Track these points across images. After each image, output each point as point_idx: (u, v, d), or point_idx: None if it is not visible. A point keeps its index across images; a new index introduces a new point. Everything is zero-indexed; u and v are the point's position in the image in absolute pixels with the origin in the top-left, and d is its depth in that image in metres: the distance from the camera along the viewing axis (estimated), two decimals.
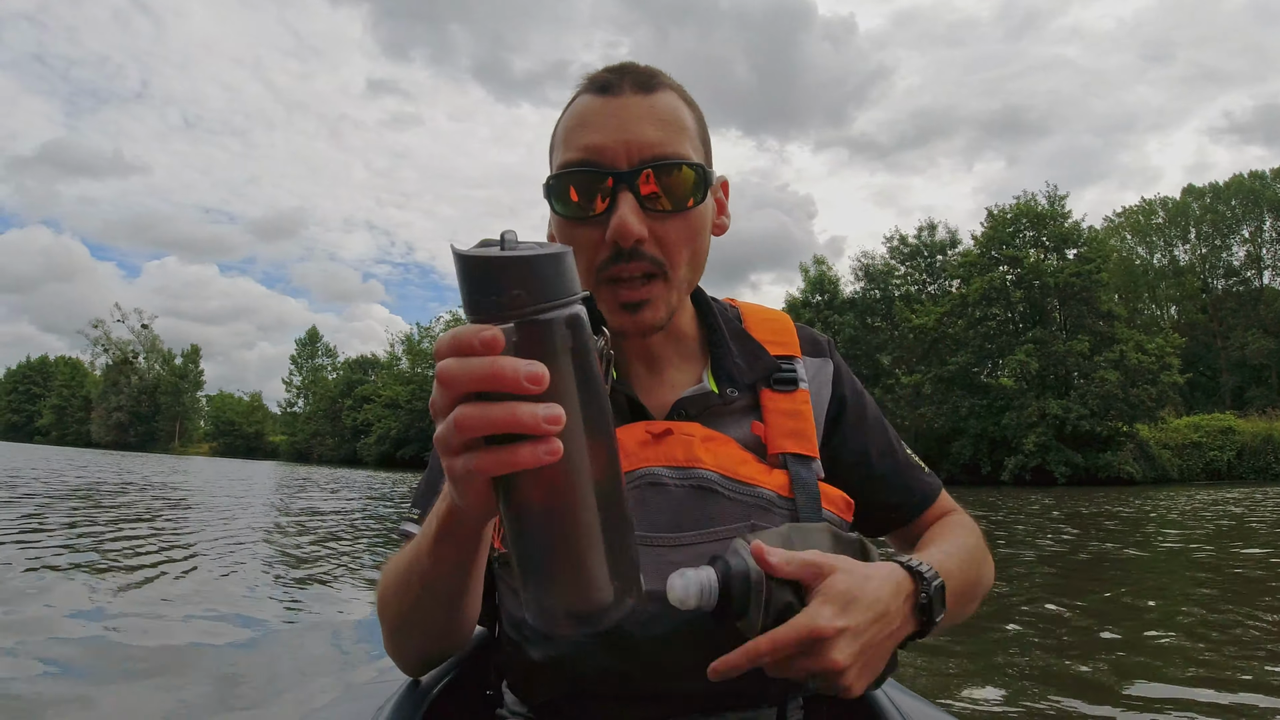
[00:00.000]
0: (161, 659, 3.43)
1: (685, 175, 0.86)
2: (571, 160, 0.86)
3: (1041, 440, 33.13)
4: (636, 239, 0.84)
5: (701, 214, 0.90)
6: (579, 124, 0.88)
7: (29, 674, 3.15)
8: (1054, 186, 38.62)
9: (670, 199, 0.86)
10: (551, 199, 0.88)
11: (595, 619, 0.51)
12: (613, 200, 0.84)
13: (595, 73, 0.91)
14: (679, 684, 0.83)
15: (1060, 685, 3.27)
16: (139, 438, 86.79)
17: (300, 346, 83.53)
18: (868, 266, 44.71)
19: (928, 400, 37.26)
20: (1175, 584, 6.06)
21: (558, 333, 0.47)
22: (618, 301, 0.88)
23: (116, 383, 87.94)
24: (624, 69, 0.90)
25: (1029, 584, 5.92)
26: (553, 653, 0.84)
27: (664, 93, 0.89)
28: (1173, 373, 33.32)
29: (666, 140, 0.85)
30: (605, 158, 0.84)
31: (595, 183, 0.85)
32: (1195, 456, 34.74)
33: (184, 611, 4.35)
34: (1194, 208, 54.65)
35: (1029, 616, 4.67)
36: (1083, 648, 3.91)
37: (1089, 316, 35.12)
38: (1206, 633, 4.19)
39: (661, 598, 0.76)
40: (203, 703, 2.94)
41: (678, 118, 0.88)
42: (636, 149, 0.84)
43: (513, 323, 0.46)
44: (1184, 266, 54.49)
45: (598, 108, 0.87)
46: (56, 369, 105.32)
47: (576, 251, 0.85)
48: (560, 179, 0.87)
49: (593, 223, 0.86)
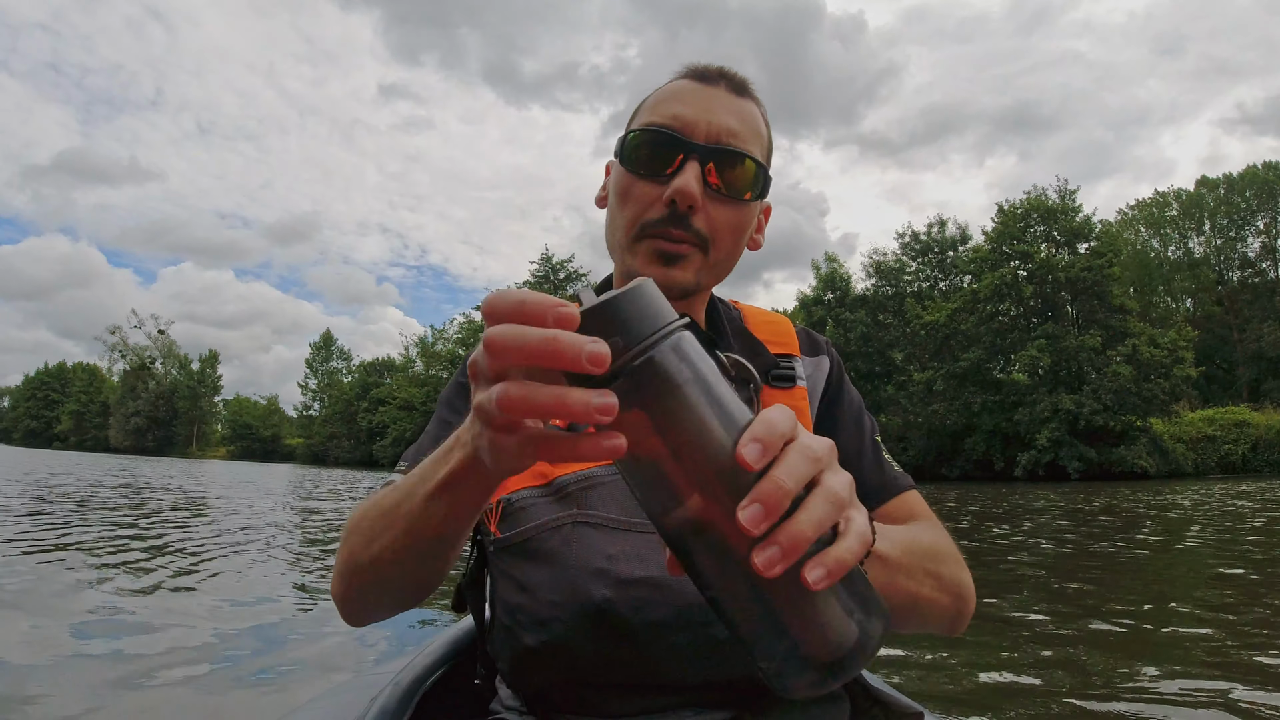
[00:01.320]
0: (160, 653, 3.48)
1: (750, 170, 0.92)
2: (655, 123, 0.91)
3: (1054, 435, 33.10)
4: (691, 204, 0.88)
5: (751, 211, 0.96)
6: (671, 97, 0.94)
7: (41, 663, 3.29)
8: (1064, 181, 38.50)
9: (730, 186, 0.91)
10: (623, 151, 0.94)
11: (849, 662, 0.46)
12: (680, 166, 0.89)
13: (696, 65, 0.98)
14: (674, 671, 0.82)
15: (1072, 685, 3.21)
16: (157, 442, 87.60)
17: (315, 350, 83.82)
18: (879, 263, 44.74)
19: (940, 397, 37.27)
20: (1185, 579, 6.03)
21: (670, 365, 0.43)
22: (655, 250, 0.91)
23: (134, 388, 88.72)
24: (722, 70, 0.97)
25: (1038, 581, 5.88)
26: (546, 638, 0.83)
27: (752, 102, 0.96)
28: (1185, 366, 33.24)
29: (744, 135, 0.92)
30: (686, 129, 0.90)
31: (670, 146, 0.90)
32: (1210, 450, 34.57)
33: (184, 607, 4.45)
34: (1208, 199, 54.25)
35: (1037, 614, 4.61)
36: (1097, 645, 3.87)
37: (1101, 311, 35.09)
38: (1222, 626, 4.17)
39: (656, 583, 0.80)
40: (195, 696, 2.97)
41: (757, 125, 0.95)
42: (717, 132, 0.90)
43: (620, 378, 0.43)
44: (1199, 259, 54.10)
45: (692, 90, 0.94)
46: (74, 375, 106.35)
47: (630, 203, 0.92)
48: (639, 134, 0.92)
49: (655, 181, 0.91)
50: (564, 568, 0.83)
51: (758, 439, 0.43)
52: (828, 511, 0.44)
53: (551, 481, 0.89)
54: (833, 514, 0.45)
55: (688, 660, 0.80)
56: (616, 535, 0.84)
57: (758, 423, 0.44)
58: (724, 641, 0.80)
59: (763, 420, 0.44)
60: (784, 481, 0.43)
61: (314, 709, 1.02)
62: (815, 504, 0.44)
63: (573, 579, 0.82)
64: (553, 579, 0.83)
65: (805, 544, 0.43)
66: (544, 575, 0.84)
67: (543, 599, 0.83)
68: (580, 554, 0.83)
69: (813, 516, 0.44)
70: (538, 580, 0.84)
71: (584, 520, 0.85)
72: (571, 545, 0.84)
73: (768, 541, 0.43)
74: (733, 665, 0.81)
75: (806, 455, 0.45)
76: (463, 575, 0.99)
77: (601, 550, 0.83)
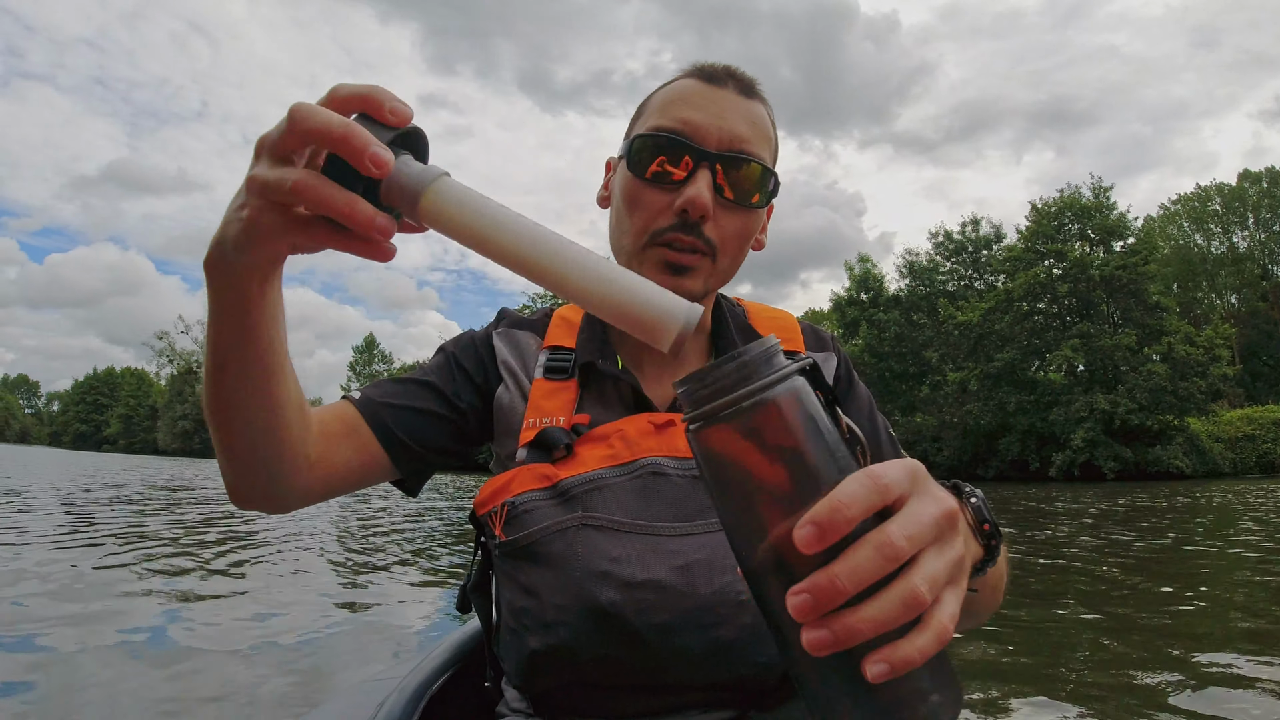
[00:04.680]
0: (161, 654, 3.52)
1: (760, 176, 0.90)
2: (665, 127, 0.89)
3: (1090, 435, 32.81)
4: (703, 214, 0.87)
5: (758, 217, 0.94)
6: (679, 99, 0.91)
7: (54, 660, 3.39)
8: (1098, 178, 38.08)
9: (740, 192, 0.89)
10: (630, 156, 0.91)
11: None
12: (691, 174, 0.88)
13: (701, 64, 0.95)
14: (680, 672, 0.80)
15: (1112, 691, 3.13)
16: (204, 445, 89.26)
17: (358, 354, 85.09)
18: (912, 263, 44.55)
19: (974, 397, 37.06)
20: (1225, 581, 5.83)
21: (785, 408, 0.43)
22: (664, 261, 0.90)
23: (181, 392, 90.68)
24: (729, 70, 0.94)
25: (1077, 582, 5.77)
26: (552, 641, 0.82)
27: (760, 103, 0.94)
28: (1222, 365, 32.79)
29: (753, 140, 0.90)
30: (697, 135, 0.88)
31: (681, 153, 0.88)
32: (1249, 449, 34.06)
33: (196, 609, 4.48)
34: (1251, 193, 53.23)
35: (1081, 618, 4.49)
36: (1139, 647, 3.78)
37: (1137, 309, 34.71)
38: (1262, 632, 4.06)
39: (662, 586, 0.79)
40: (200, 701, 2.97)
41: (765, 128, 0.93)
42: (727, 137, 0.88)
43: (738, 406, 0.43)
44: (1243, 254, 53.11)
45: (700, 91, 0.91)
46: (123, 380, 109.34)
47: (639, 211, 0.91)
48: (648, 139, 0.90)
49: (664, 188, 0.89)
50: (569, 571, 0.82)
51: (817, 523, 0.39)
52: (899, 611, 0.40)
53: (556, 484, 0.87)
54: (908, 612, 0.40)
55: (694, 662, 0.80)
56: (622, 538, 0.82)
57: (823, 502, 0.39)
58: (731, 643, 0.80)
59: (830, 500, 0.40)
60: (841, 583, 0.39)
61: (321, 713, 1.01)
62: (887, 600, 0.40)
63: (578, 582, 0.81)
64: (558, 582, 0.82)
65: (859, 639, 0.39)
66: (549, 578, 0.83)
67: (548, 602, 0.82)
68: (585, 557, 0.82)
69: (879, 615, 0.39)
70: (543, 583, 0.83)
71: (589, 523, 0.83)
72: (576, 548, 0.82)
73: (818, 624, 0.40)
74: (739, 665, 0.81)
75: (883, 550, 0.40)
76: (468, 578, 0.99)
77: (606, 553, 0.81)
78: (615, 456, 0.87)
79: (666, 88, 0.95)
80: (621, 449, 0.88)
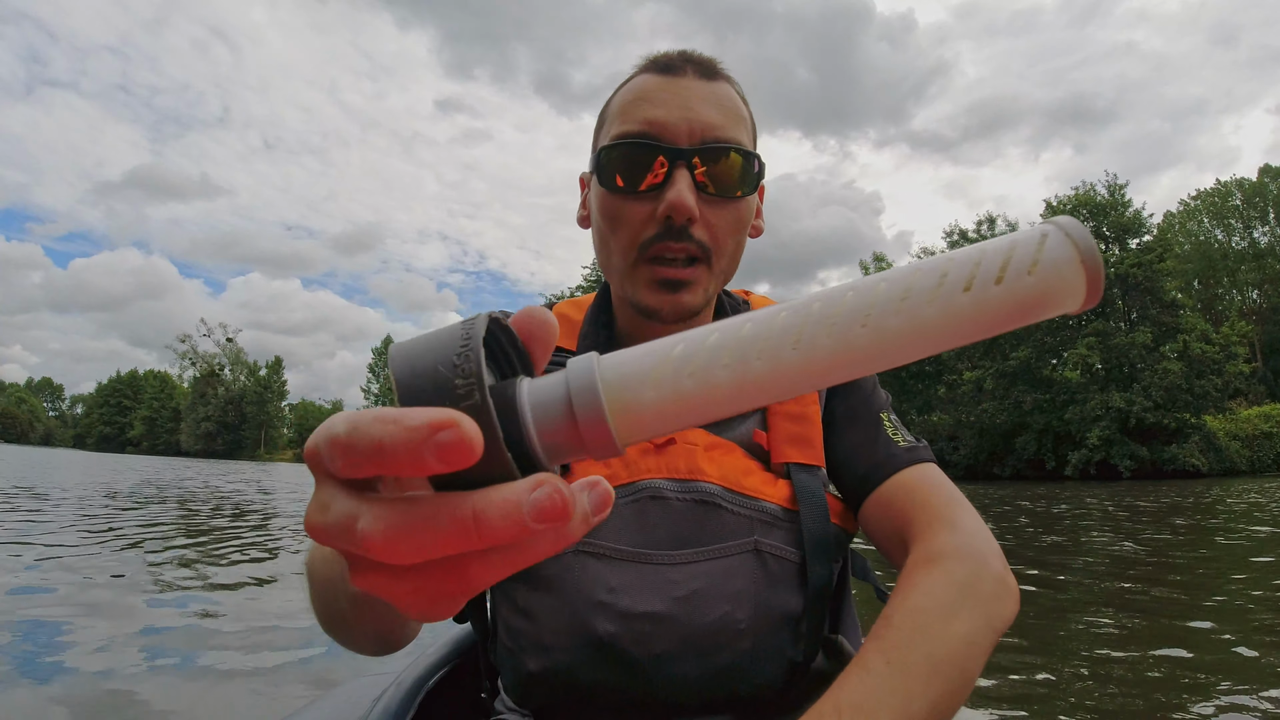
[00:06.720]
0: (160, 652, 3.49)
1: (741, 163, 0.84)
2: (630, 133, 0.83)
3: (1105, 434, 32.78)
4: (689, 216, 0.81)
5: (749, 205, 0.87)
6: (639, 99, 0.84)
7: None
8: (1113, 176, 37.94)
9: (723, 184, 0.83)
10: (600, 171, 0.85)
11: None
12: (668, 176, 0.81)
13: (655, 55, 0.89)
14: (678, 695, 0.79)
15: (1126, 692, 3.06)
16: (226, 446, 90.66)
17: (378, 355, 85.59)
18: None
19: (990, 395, 37.08)
20: (1238, 581, 5.67)
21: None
22: (658, 279, 0.84)
23: (204, 394, 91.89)
24: (686, 55, 0.88)
25: (1094, 584, 5.63)
26: (549, 664, 0.80)
27: (724, 83, 0.87)
28: (1238, 362, 32.63)
29: (727, 125, 0.83)
30: (666, 134, 0.82)
31: (652, 156, 0.82)
32: (1266, 447, 33.83)
33: (197, 606, 4.46)
34: (1271, 188, 52.77)
35: (1096, 622, 4.31)
36: (1154, 651, 3.65)
37: (1153, 307, 34.59)
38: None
39: (660, 617, 0.77)
40: (195, 696, 2.96)
41: (736, 108, 0.86)
42: (699, 129, 0.82)
43: None
44: (1264, 249, 52.64)
45: (660, 86, 0.84)
46: (146, 382, 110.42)
47: (621, 226, 0.84)
48: (615, 149, 0.83)
49: (643, 197, 0.83)
50: (565, 598, 0.79)
51: None
52: None
53: None
54: None
55: (692, 686, 0.79)
56: (618, 566, 0.80)
57: None
58: (729, 667, 0.79)
59: None
60: None
61: (317, 708, 1.00)
62: None
63: (575, 610, 0.79)
64: (554, 608, 0.80)
65: None
66: (545, 603, 0.80)
67: (545, 626, 0.80)
68: (581, 584, 0.79)
69: None
70: (539, 607, 0.81)
71: (586, 550, 0.80)
72: (572, 573, 0.80)
73: None
74: (739, 686, 0.80)
75: None
76: None
77: (604, 582, 0.79)
78: (613, 477, 0.83)
79: (624, 88, 0.89)
80: (620, 469, 0.83)
